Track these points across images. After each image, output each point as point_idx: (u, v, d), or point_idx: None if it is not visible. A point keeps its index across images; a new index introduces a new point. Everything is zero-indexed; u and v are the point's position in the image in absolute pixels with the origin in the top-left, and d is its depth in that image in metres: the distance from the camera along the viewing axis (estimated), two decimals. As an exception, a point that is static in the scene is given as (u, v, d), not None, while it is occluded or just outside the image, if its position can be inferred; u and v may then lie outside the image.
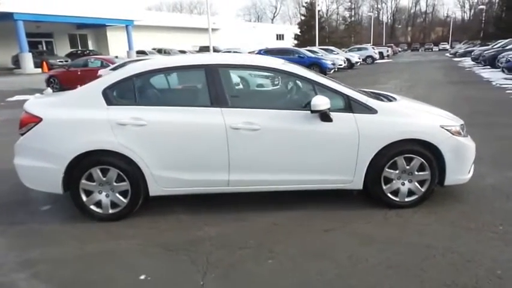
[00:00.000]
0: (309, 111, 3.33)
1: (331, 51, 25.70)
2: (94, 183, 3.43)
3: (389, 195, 3.53)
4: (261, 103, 3.73)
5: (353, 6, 60.33)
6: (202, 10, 66.83)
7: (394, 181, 3.51)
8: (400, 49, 62.45)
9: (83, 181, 3.41)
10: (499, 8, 43.79)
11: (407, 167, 3.47)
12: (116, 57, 16.94)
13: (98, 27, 35.37)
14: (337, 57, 23.03)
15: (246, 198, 3.75)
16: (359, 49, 32.28)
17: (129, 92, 3.44)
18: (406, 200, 3.55)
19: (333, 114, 3.32)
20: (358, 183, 3.51)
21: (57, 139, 3.36)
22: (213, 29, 50.98)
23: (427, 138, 3.40)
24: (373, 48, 33.31)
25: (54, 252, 3.01)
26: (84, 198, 3.45)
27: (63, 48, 33.48)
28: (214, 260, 2.81)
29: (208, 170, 3.42)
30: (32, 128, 3.38)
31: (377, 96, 3.71)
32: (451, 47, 59.20)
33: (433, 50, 67.67)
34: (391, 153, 3.41)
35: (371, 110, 3.41)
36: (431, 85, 13.73)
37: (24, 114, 3.48)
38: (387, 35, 76.25)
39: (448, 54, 44.48)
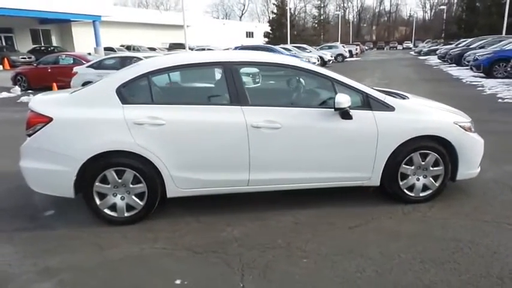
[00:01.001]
0: (329, 109, 3.34)
1: (304, 49, 25.95)
2: (108, 186, 3.28)
3: (405, 190, 3.60)
4: (280, 101, 3.71)
5: (322, 5, 61.13)
6: (169, 6, 65.73)
7: (410, 177, 3.58)
8: (366, 47, 64.05)
9: (97, 184, 3.25)
10: (459, 8, 45.82)
11: (423, 163, 3.55)
12: (89, 54, 16.32)
13: (63, 23, 33.89)
14: (310, 55, 23.27)
15: (262, 197, 3.70)
16: (330, 47, 32.77)
17: (145, 90, 3.31)
18: (421, 195, 3.63)
19: (352, 112, 3.34)
20: (375, 180, 3.55)
21: (69, 140, 3.18)
22: (182, 26, 50.41)
23: (442, 134, 3.49)
24: (343, 46, 33.92)
25: (74, 260, 2.85)
26: (97, 201, 3.30)
27: (24, 44, 31.82)
28: (248, 261, 2.76)
29: (228, 169, 3.35)
30: (41, 128, 3.19)
31: (391, 94, 3.77)
32: (415, 46, 61.36)
33: (398, 48, 69.95)
34: (407, 150, 3.48)
35: (389, 108, 3.46)
36: (406, 82, 14.14)
37: (31, 114, 3.26)
38: (353, 33, 77.95)
39: (412, 53, 46.09)
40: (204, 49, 25.26)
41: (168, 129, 3.20)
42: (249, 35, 61.78)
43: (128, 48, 33.69)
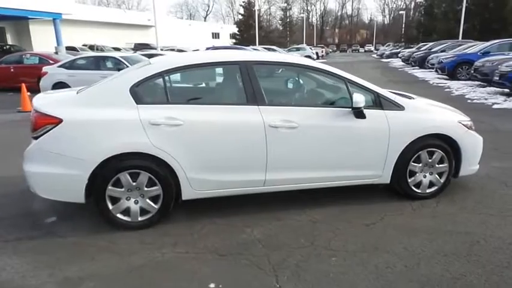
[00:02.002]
0: (344, 109, 3.40)
1: (274, 51, 26.14)
2: (122, 189, 3.15)
3: (413, 187, 3.71)
4: (295, 100, 3.71)
5: (288, 7, 61.93)
6: (131, 6, 64.11)
7: (417, 174, 3.70)
8: (330, 50, 65.55)
9: (110, 187, 3.11)
10: (418, 14, 47.92)
11: (430, 161, 3.68)
12: (56, 53, 15.60)
13: (19, 20, 32.11)
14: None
15: (274, 196, 3.68)
16: (297, 49, 33.26)
17: (160, 89, 3.21)
18: (427, 191, 3.76)
19: (365, 111, 3.41)
20: (386, 178, 3.64)
21: (80, 142, 3.03)
22: (147, 26, 49.35)
23: (448, 132, 3.64)
24: (310, 48, 34.52)
25: (94, 268, 2.72)
26: (110, 206, 3.16)
27: (-26, 42, 29.95)
28: (277, 262, 2.74)
29: (244, 170, 3.32)
30: (49, 130, 3.01)
31: (397, 94, 3.87)
32: (376, 49, 63.54)
33: (360, 51, 72.06)
34: (416, 148, 3.59)
35: (399, 107, 3.56)
36: (377, 84, 14.56)
37: (37, 115, 3.08)
38: (317, 36, 79.53)
39: (375, 56, 47.64)
40: (173, 49, 24.79)
41: (185, 130, 3.13)
42: (215, 36, 61.47)
43: (91, 48, 32.55)
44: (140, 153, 3.10)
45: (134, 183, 3.15)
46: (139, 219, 3.23)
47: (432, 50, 22.77)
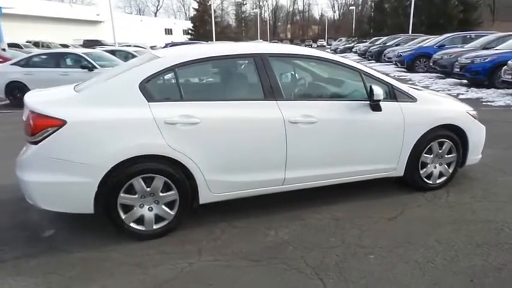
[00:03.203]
0: (361, 101, 3.33)
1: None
2: (135, 196, 2.87)
3: (424, 179, 3.72)
4: (313, 94, 3.57)
5: (244, 2, 61.55)
6: (81, 0, 60.82)
7: (428, 165, 3.71)
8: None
9: (122, 195, 2.82)
10: (369, 8, 49.59)
11: (440, 151, 3.71)
12: (4, 50, 14.37)
13: (-51, 14, 29.36)
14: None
15: (289, 195, 3.52)
16: (255, 44, 33.16)
17: (172, 85, 2.95)
18: (437, 182, 3.79)
19: (381, 104, 3.35)
20: (400, 171, 3.62)
21: (87, 146, 2.71)
22: (96, 21, 47.12)
23: (458, 123, 3.68)
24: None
25: (120, 285, 2.43)
26: (122, 215, 2.86)
27: None
28: (316, 264, 2.61)
29: (264, 169, 3.15)
30: (51, 134, 2.66)
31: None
32: (328, 44, 64.98)
33: (312, 46, 73.42)
34: (428, 139, 3.60)
35: (412, 99, 3.54)
36: (342, 78, 14.88)
37: (35, 117, 2.70)
38: (270, 31, 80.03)
39: (328, 50, 48.69)
40: (130, 45, 23.79)
41: (202, 128, 2.89)
42: (168, 32, 60.01)
43: (36, 44, 30.45)
44: (155, 156, 2.83)
45: (148, 189, 2.88)
46: (154, 227, 2.96)
47: (387, 44, 23.62)
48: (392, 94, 3.47)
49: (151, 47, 23.99)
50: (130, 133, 2.76)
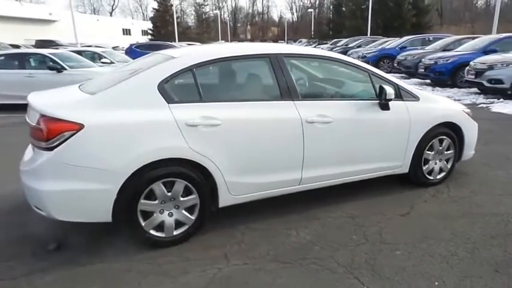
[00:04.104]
0: (372, 101, 3.40)
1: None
2: (155, 202, 2.75)
3: (426, 175, 3.86)
4: (326, 94, 3.58)
5: (205, 3, 60.98)
6: (29, -3, 57.56)
7: (430, 161, 3.85)
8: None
9: (142, 201, 2.69)
10: (328, 11, 50.84)
11: (440, 148, 3.86)
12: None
13: None
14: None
15: (298, 195, 3.50)
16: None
17: (191, 85, 2.85)
18: (438, 177, 3.95)
19: (389, 103, 3.43)
20: (405, 167, 3.73)
21: (107, 151, 2.56)
22: (50, 20, 44.89)
23: (456, 120, 3.86)
24: (187, 45, 34.55)
25: (151, 296, 2.32)
26: (142, 222, 2.73)
27: None
28: (347, 263, 2.62)
29: (282, 169, 3.13)
30: (67, 139, 2.48)
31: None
32: (288, 45, 65.89)
33: (273, 47, 74.04)
34: (430, 136, 3.74)
35: (415, 98, 3.66)
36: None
37: (48, 121, 2.51)
38: (231, 32, 79.94)
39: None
40: (91, 45, 22.85)
41: (224, 130, 2.83)
42: (126, 32, 58.31)
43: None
44: (176, 159, 2.73)
45: (169, 194, 2.77)
46: (175, 233, 2.86)
47: (349, 46, 24.33)
48: (398, 93, 3.56)
49: (114, 48, 23.17)
50: (152, 136, 2.64)
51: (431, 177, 3.90)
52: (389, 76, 3.61)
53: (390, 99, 3.31)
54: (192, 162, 2.77)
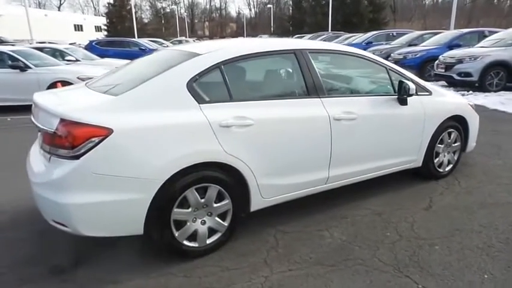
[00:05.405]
0: (393, 96, 3.39)
1: (160, 44, 24.85)
2: (189, 210, 2.56)
3: (437, 167, 3.92)
4: (349, 90, 3.50)
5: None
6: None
7: (440, 154, 3.92)
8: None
9: (175, 209, 2.50)
10: (286, 7, 51.17)
11: (449, 141, 3.93)
12: None
13: None
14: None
15: (316, 196, 3.41)
16: (180, 42, 32.31)
17: (220, 84, 2.67)
18: (446, 169, 4.02)
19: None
20: (419, 161, 3.76)
21: (138, 157, 2.34)
22: (-7, 16, 41.52)
23: (463, 113, 3.95)
24: (194, 41, 33.90)
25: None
26: (175, 232, 2.54)
27: None
28: (391, 262, 2.58)
29: (311, 169, 3.04)
30: (95, 145, 2.24)
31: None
32: (248, 41, 65.77)
33: (232, 43, 73.63)
34: (441, 130, 3.79)
35: (428, 92, 3.70)
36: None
37: (72, 127, 2.24)
38: (189, 28, 78.52)
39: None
40: (45, 43, 21.48)
41: (256, 130, 2.69)
42: (78, 28, 55.61)
43: None
44: (210, 163, 2.55)
45: (202, 200, 2.59)
46: (208, 242, 2.68)
47: (313, 42, 24.60)
48: (414, 88, 3.56)
49: (71, 44, 21.88)
50: (186, 139, 2.45)
51: (441, 170, 3.97)
52: (404, 71, 3.61)
53: (412, 94, 3.31)
54: (225, 166, 2.60)
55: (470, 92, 9.46)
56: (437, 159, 3.89)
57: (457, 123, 3.95)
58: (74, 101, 2.62)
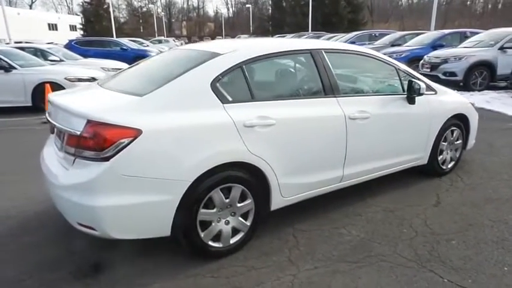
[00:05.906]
0: (402, 95, 3.47)
1: (141, 43, 24.46)
2: (214, 210, 2.55)
3: (441, 165, 4.03)
4: (362, 90, 3.54)
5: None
6: None
7: (444, 152, 4.03)
8: (183, 42, 64.94)
9: (202, 210, 2.48)
10: (264, 7, 51.26)
11: (452, 139, 4.05)
12: None
13: None
14: (151, 50, 22.15)
15: (324, 195, 3.45)
16: (159, 41, 31.94)
17: (242, 83, 2.67)
18: (449, 166, 4.14)
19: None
20: (425, 159, 3.86)
21: (167, 157, 2.32)
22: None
23: (466, 112, 4.08)
24: (174, 40, 33.57)
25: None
26: (201, 233, 2.52)
27: None
28: (413, 257, 2.64)
29: (327, 167, 3.08)
30: (125, 147, 2.20)
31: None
32: (227, 41, 65.54)
33: (211, 43, 73.16)
34: (445, 128, 3.91)
35: (434, 91, 3.80)
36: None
37: (102, 128, 2.19)
38: (166, 28, 77.62)
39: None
40: (21, 42, 20.79)
41: (278, 130, 2.70)
42: (53, 27, 54.02)
43: None
44: (235, 163, 2.55)
45: (227, 200, 2.58)
46: (231, 242, 2.68)
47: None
48: (421, 87, 3.65)
49: (48, 44, 21.25)
50: (213, 139, 2.44)
51: (444, 167, 4.09)
52: (411, 70, 3.70)
53: (422, 94, 3.39)
54: (249, 166, 2.60)
55: (455, 91, 9.72)
56: (441, 156, 4.00)
57: (460, 121, 4.07)
58: (97, 102, 2.56)
